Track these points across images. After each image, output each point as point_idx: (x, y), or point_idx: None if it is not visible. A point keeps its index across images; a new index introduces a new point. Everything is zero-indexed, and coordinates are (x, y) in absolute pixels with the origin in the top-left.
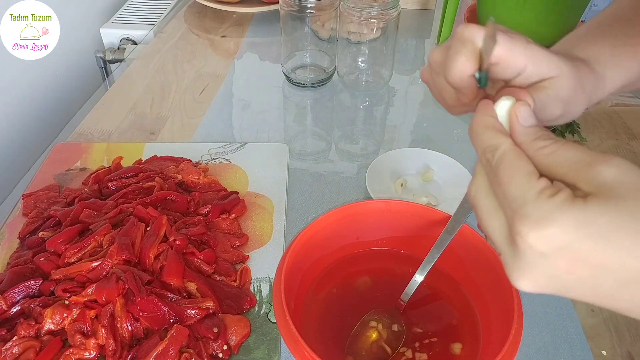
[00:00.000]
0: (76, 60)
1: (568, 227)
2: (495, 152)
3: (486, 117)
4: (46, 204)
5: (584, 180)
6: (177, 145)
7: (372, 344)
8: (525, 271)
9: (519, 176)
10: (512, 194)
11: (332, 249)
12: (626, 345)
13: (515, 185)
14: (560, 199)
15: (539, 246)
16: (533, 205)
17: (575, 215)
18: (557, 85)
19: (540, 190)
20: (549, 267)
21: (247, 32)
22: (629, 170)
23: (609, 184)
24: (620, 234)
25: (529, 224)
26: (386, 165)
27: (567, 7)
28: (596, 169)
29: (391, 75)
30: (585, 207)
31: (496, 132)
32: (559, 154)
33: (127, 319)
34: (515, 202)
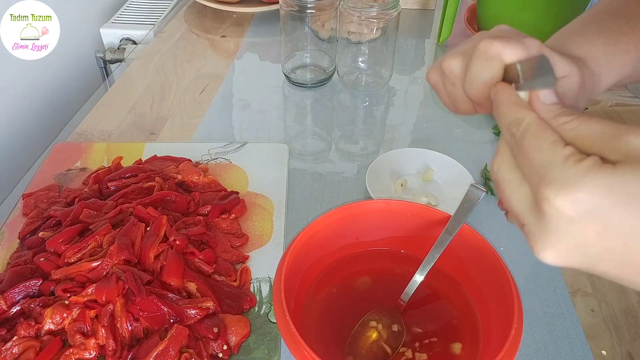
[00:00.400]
0: (76, 60)
1: (597, 191)
2: (520, 125)
3: (510, 96)
4: (46, 204)
5: (610, 150)
6: (177, 145)
7: (372, 344)
8: (551, 240)
9: (544, 144)
10: (538, 161)
11: (332, 249)
12: (626, 345)
13: (541, 153)
14: (589, 163)
15: (567, 210)
16: (560, 170)
17: (604, 179)
18: (567, 84)
19: (567, 155)
20: (577, 234)
21: (247, 32)
22: None
23: (638, 152)
24: None
25: (556, 188)
26: (386, 165)
27: (567, 6)
28: (623, 138)
29: (391, 75)
30: (614, 171)
31: (520, 107)
32: (583, 128)
33: (127, 319)
34: (542, 168)
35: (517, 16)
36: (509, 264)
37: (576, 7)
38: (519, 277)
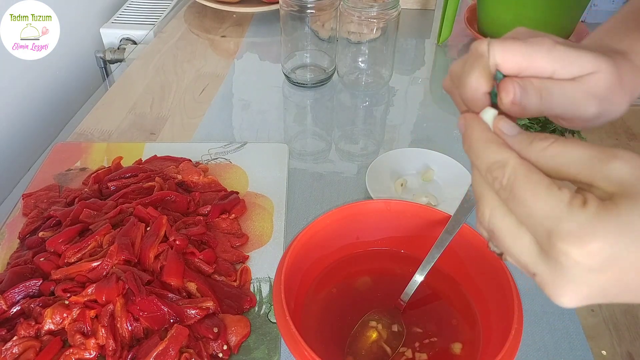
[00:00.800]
0: (76, 60)
1: (612, 237)
2: (504, 169)
3: (483, 133)
4: (46, 204)
5: (601, 180)
6: (177, 145)
7: (372, 344)
8: (571, 288)
9: (540, 190)
10: (541, 211)
11: (332, 249)
12: (626, 345)
13: (542, 202)
14: (594, 207)
15: (587, 262)
16: (569, 220)
17: (613, 223)
18: (590, 80)
19: (569, 201)
20: (598, 280)
21: (247, 32)
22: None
23: (628, 181)
24: None
25: (572, 241)
26: (386, 165)
27: (567, 7)
28: (609, 166)
29: (391, 75)
30: (619, 212)
31: (499, 146)
32: (565, 155)
33: (127, 319)
34: (548, 220)
35: (517, 16)
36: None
37: (577, 7)
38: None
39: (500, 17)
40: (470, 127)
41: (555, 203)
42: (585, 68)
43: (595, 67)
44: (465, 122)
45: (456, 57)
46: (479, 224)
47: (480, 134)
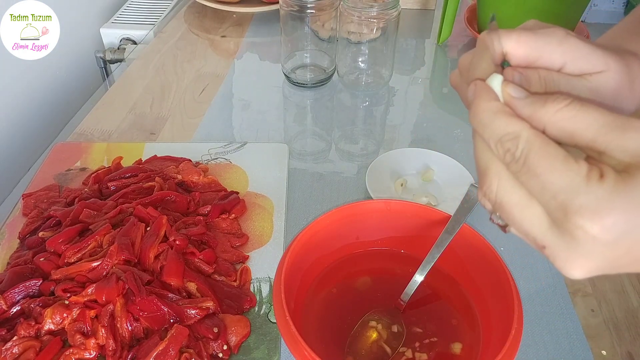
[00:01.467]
0: (76, 60)
1: (627, 212)
2: (517, 140)
3: (492, 102)
4: (46, 204)
5: (617, 149)
6: (177, 145)
7: (372, 344)
8: (584, 260)
9: (557, 164)
10: (556, 185)
11: (332, 249)
12: (626, 345)
13: (558, 175)
14: (611, 181)
15: (604, 236)
16: (586, 194)
17: (632, 197)
18: (600, 80)
19: (586, 174)
20: (612, 254)
21: (247, 32)
22: None
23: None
24: None
25: (589, 216)
26: (386, 165)
27: (567, 7)
28: (627, 135)
29: (391, 75)
30: (636, 185)
31: (510, 117)
32: (581, 118)
33: (127, 319)
34: (564, 194)
35: (517, 16)
36: (509, 264)
37: (576, 7)
38: (519, 277)
39: (500, 17)
40: (479, 97)
41: (572, 176)
42: (595, 65)
43: (605, 65)
44: (475, 90)
45: (456, 57)
46: (483, 196)
47: (488, 105)
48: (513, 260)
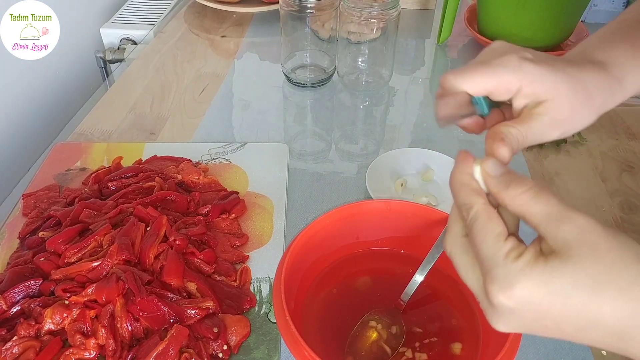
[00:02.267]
0: (76, 60)
1: (531, 287)
2: (469, 210)
3: (463, 175)
4: (46, 204)
5: (550, 237)
6: (177, 145)
7: (372, 344)
8: (500, 319)
9: (489, 238)
10: (484, 254)
11: (332, 249)
12: None
13: (486, 247)
14: (524, 260)
15: (507, 303)
16: (501, 268)
17: (536, 277)
18: (552, 108)
19: (507, 252)
20: (519, 318)
21: (247, 32)
22: (589, 231)
23: (570, 243)
24: (576, 290)
25: (498, 285)
26: (386, 165)
27: (567, 7)
28: (561, 227)
29: (391, 75)
30: (545, 267)
31: (470, 190)
32: (531, 206)
33: (127, 319)
34: (487, 263)
35: (517, 16)
36: None
37: (576, 7)
38: None
39: (500, 17)
40: (456, 167)
41: (495, 251)
42: (546, 91)
43: (554, 92)
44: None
45: (456, 57)
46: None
47: (459, 177)
48: None
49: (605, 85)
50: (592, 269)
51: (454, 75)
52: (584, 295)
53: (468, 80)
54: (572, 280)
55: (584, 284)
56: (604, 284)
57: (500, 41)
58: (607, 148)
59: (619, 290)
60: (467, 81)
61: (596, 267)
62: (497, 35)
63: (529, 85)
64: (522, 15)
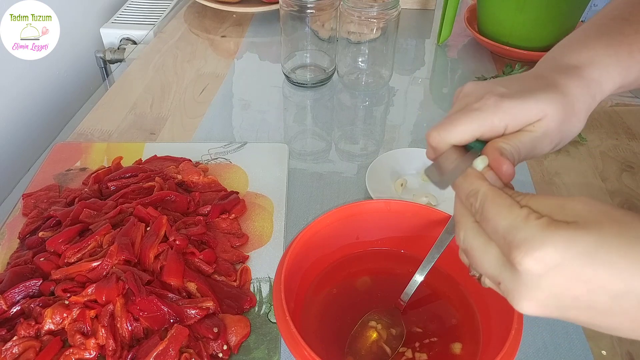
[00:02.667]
0: (76, 60)
1: (558, 247)
2: (477, 195)
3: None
4: (46, 204)
5: (561, 218)
6: (177, 145)
7: (372, 344)
8: (526, 293)
9: (503, 209)
10: (502, 226)
11: (332, 249)
12: (626, 345)
13: (503, 218)
14: (546, 220)
15: (535, 268)
16: (523, 230)
17: (563, 235)
18: (543, 125)
19: (526, 215)
20: (548, 286)
21: (247, 32)
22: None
23: (584, 215)
24: (606, 251)
25: (524, 249)
26: (386, 165)
27: (567, 7)
28: (568, 206)
29: (391, 75)
30: (569, 228)
31: (474, 178)
32: (532, 202)
33: (127, 319)
34: (507, 232)
35: (517, 16)
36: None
37: (576, 7)
38: None
39: (500, 17)
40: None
41: (514, 217)
42: (533, 115)
43: (541, 112)
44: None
45: (456, 57)
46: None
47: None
48: None
49: (585, 90)
50: (616, 229)
51: (438, 131)
52: (616, 258)
53: (453, 134)
54: (601, 242)
55: (614, 246)
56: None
57: (471, 83)
58: (607, 148)
59: None
60: (452, 134)
61: (617, 228)
62: (497, 35)
63: (514, 121)
64: (522, 15)
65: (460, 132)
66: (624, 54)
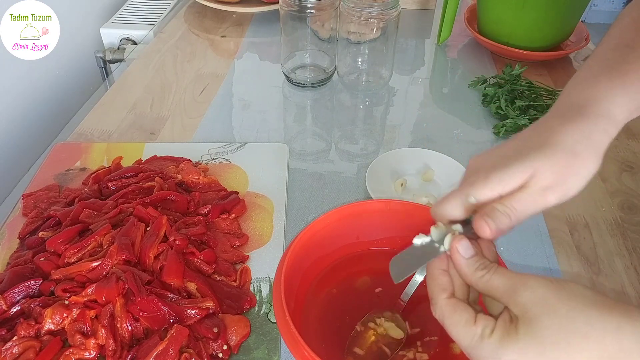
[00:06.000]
0: (76, 60)
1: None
2: (435, 306)
3: (434, 270)
4: (46, 204)
5: (512, 304)
6: (177, 145)
7: (372, 344)
8: None
9: (460, 328)
10: (462, 342)
11: (332, 249)
12: None
13: (462, 338)
14: (498, 336)
15: None
16: (480, 349)
17: (514, 350)
18: (537, 181)
19: (481, 334)
20: None
21: (247, 32)
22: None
23: (527, 306)
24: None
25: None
26: (386, 165)
27: (567, 7)
28: (517, 293)
29: (391, 75)
30: (518, 338)
31: (437, 285)
32: (492, 282)
33: (127, 319)
34: (468, 349)
35: (517, 16)
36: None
37: (576, 7)
38: None
39: (500, 17)
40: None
41: (470, 336)
42: (522, 177)
43: (530, 171)
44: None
45: (456, 57)
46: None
47: (432, 270)
48: (513, 260)
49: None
50: (555, 322)
51: (434, 207)
52: (558, 353)
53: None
54: (541, 345)
55: (551, 343)
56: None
57: (472, 159)
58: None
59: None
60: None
61: (554, 320)
62: (497, 35)
63: (505, 188)
64: (522, 15)
65: (451, 208)
66: (632, 80)
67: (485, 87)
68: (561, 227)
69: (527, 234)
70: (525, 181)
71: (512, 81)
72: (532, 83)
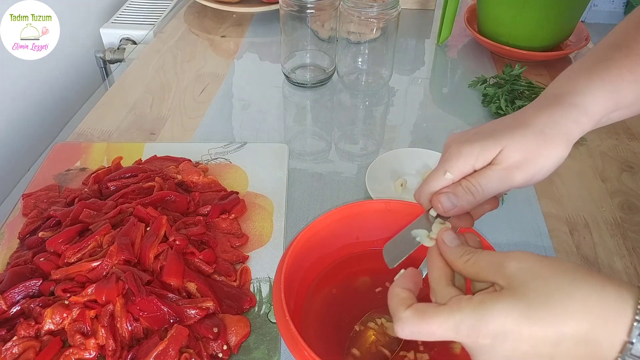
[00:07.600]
0: (76, 60)
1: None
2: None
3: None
4: (46, 204)
5: (499, 278)
6: (177, 145)
7: (371, 344)
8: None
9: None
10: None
11: (332, 249)
12: None
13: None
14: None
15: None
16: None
17: (498, 309)
18: (502, 158)
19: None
20: (500, 351)
21: (247, 32)
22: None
23: (513, 275)
24: (535, 310)
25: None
26: (386, 165)
27: (567, 6)
28: (503, 266)
29: (391, 75)
30: (501, 298)
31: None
32: (478, 263)
33: (127, 319)
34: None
35: (517, 16)
36: None
37: (576, 7)
38: None
39: (500, 17)
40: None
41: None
42: (492, 152)
43: (499, 147)
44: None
45: (456, 57)
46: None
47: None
48: None
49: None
50: (540, 284)
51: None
52: (541, 312)
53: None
54: (528, 304)
55: (537, 302)
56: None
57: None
58: (607, 148)
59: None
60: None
61: (541, 283)
62: (497, 35)
63: (477, 161)
64: (522, 15)
65: (429, 188)
66: (613, 76)
67: (485, 87)
68: (561, 227)
69: (527, 234)
70: (495, 155)
71: (512, 81)
72: (532, 83)
